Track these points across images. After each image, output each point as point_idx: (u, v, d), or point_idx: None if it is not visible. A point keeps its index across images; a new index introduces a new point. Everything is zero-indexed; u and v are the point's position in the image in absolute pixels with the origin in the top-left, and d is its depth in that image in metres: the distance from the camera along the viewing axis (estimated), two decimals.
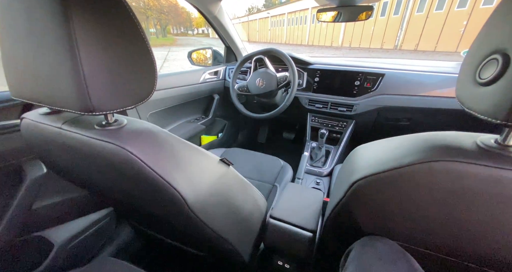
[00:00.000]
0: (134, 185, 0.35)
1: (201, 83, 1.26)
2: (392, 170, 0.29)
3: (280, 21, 27.48)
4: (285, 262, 0.64)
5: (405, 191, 0.29)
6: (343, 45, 17.49)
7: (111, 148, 0.32)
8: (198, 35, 67.97)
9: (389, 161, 0.30)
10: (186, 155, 0.38)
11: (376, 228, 0.36)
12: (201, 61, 1.50)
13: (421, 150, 0.28)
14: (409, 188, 0.28)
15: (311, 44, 20.93)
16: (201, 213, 0.37)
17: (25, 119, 0.41)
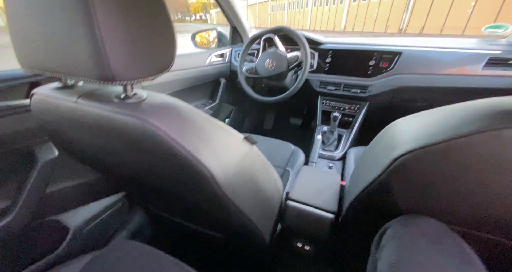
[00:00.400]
0: (159, 163, 0.32)
1: (207, 66, 1.22)
2: (447, 141, 0.26)
3: (280, 5, 26.51)
4: (305, 243, 0.64)
5: (462, 163, 0.26)
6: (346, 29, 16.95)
7: (133, 122, 0.29)
8: (196, 21, 65.93)
9: (442, 132, 0.27)
10: (212, 131, 0.35)
11: (417, 206, 0.34)
12: (205, 44, 1.44)
13: (487, 117, 0.25)
14: (468, 160, 0.26)
15: (313, 29, 20.31)
16: (229, 191, 0.35)
17: (36, 95, 0.38)
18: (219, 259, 0.76)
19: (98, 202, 0.78)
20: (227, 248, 0.66)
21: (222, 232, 0.57)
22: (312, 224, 0.57)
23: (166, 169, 0.33)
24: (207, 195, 0.35)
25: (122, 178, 0.51)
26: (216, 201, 0.36)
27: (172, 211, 0.60)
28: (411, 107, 1.06)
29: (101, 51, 0.25)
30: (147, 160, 0.33)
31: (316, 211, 0.57)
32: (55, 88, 0.37)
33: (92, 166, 0.52)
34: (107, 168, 0.46)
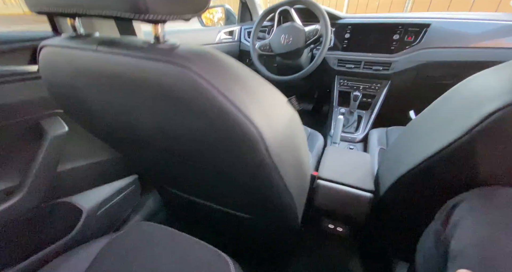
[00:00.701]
0: (199, 121, 0.27)
1: (217, 43, 1.14)
2: None
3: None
4: (338, 225, 0.60)
5: None
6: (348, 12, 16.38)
7: (170, 69, 0.24)
8: None
9: None
10: (258, 85, 0.30)
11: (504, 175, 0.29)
12: (212, 21, 1.36)
13: None
14: None
15: None
16: (276, 158, 0.30)
17: (45, 47, 0.32)
18: (240, 242, 0.73)
19: (110, 184, 0.74)
20: (253, 230, 0.62)
21: (250, 212, 0.53)
22: (348, 204, 0.53)
23: (207, 129, 0.27)
24: (252, 163, 0.30)
25: (139, 149, 0.46)
26: (260, 171, 0.31)
27: (194, 189, 0.56)
28: (436, 86, 1.00)
29: None
30: (183, 118, 0.27)
31: (352, 190, 0.53)
32: (68, 38, 0.31)
33: (108, 139, 0.47)
34: (124, 135, 0.40)
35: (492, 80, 0.30)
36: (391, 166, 0.49)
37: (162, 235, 0.48)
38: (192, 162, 0.36)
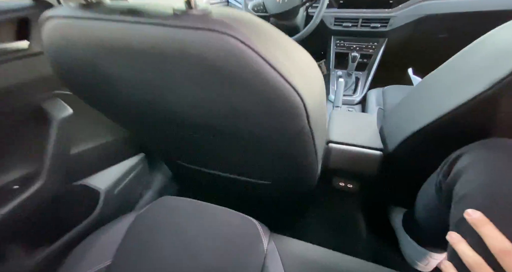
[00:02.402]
0: (241, 90, 0.26)
1: None
2: None
3: None
4: (347, 182, 0.65)
5: None
6: None
7: (209, 36, 0.22)
8: None
9: None
10: (295, 49, 0.28)
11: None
12: None
13: None
14: None
15: None
16: (314, 125, 0.30)
17: (52, 18, 0.27)
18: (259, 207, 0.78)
19: (120, 164, 0.73)
20: (270, 194, 0.66)
21: (270, 179, 0.55)
22: (360, 163, 0.56)
23: (251, 100, 0.26)
24: (292, 130, 0.30)
25: (159, 128, 0.45)
26: (299, 136, 0.31)
27: (213, 162, 0.57)
28: (432, 40, 1.00)
29: None
30: (226, 90, 0.26)
31: (362, 150, 0.56)
32: (79, 7, 0.27)
33: (122, 119, 0.45)
34: (145, 115, 0.39)
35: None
36: (401, 124, 0.52)
37: (186, 207, 0.50)
38: (224, 133, 0.36)
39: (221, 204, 0.49)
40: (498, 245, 0.21)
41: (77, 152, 0.58)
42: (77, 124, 0.55)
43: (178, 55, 0.24)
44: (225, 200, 0.77)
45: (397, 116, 0.57)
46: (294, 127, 0.29)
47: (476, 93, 0.30)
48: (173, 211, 0.49)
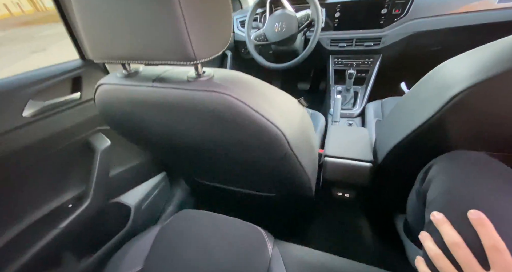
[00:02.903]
0: (235, 130, 0.36)
1: None
2: (506, 71, 0.28)
3: None
4: (345, 192, 0.71)
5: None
6: None
7: (213, 96, 0.32)
8: None
9: (498, 64, 0.29)
10: (275, 96, 0.38)
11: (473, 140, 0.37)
12: None
13: None
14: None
15: None
16: (296, 150, 0.39)
17: (103, 85, 0.40)
18: (266, 217, 0.85)
19: (146, 183, 0.85)
20: (275, 205, 0.74)
21: (274, 191, 0.63)
22: (352, 174, 0.63)
23: (242, 135, 0.37)
24: (278, 155, 0.39)
25: (178, 154, 0.55)
26: (284, 160, 0.40)
27: (224, 179, 0.66)
28: (425, 53, 1.06)
29: (185, 33, 0.27)
30: (224, 129, 0.36)
31: (353, 162, 0.62)
32: (123, 77, 0.39)
33: (149, 146, 0.56)
34: (169, 145, 0.49)
35: (457, 65, 0.36)
36: (387, 136, 0.58)
37: (203, 218, 0.58)
38: (227, 158, 0.46)
39: (233, 214, 0.58)
40: (451, 240, 0.26)
41: (113, 175, 0.70)
42: (113, 152, 0.68)
43: (191, 109, 0.35)
44: (236, 211, 0.86)
45: (383, 129, 0.63)
46: (279, 152, 0.38)
47: (429, 116, 0.37)
48: (192, 222, 0.58)
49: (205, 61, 0.32)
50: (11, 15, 22.91)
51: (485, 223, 0.25)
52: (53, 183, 0.58)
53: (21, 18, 19.04)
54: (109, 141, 0.63)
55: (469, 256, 0.25)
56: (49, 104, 0.52)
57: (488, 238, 0.24)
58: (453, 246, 0.26)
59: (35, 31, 10.93)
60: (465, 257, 0.25)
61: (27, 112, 0.48)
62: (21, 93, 0.48)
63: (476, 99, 0.31)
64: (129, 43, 0.31)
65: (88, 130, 0.61)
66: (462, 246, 0.25)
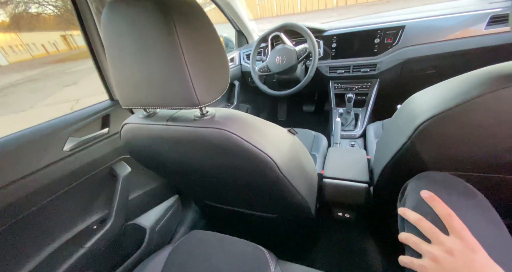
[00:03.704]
0: (233, 158, 0.43)
1: None
2: (460, 104, 0.32)
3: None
4: (345, 212, 0.73)
5: (474, 121, 0.33)
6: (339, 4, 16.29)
7: (214, 132, 0.40)
8: None
9: (454, 98, 0.34)
10: (266, 128, 0.45)
11: (440, 163, 0.41)
12: None
13: (488, 81, 0.31)
14: (478, 118, 0.32)
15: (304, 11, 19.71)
16: (287, 174, 0.45)
17: (128, 124, 0.49)
18: (271, 237, 0.88)
19: (160, 205, 0.92)
20: (278, 226, 0.77)
21: (275, 212, 0.68)
22: (350, 195, 0.66)
23: (239, 163, 0.43)
24: (271, 179, 0.45)
25: (189, 179, 0.62)
26: (277, 183, 0.46)
27: (230, 201, 0.72)
28: (421, 76, 1.11)
29: (190, 85, 0.36)
30: (225, 158, 0.43)
31: (351, 183, 0.66)
32: (143, 117, 0.48)
33: (163, 173, 0.64)
34: (181, 172, 0.57)
35: (423, 98, 0.42)
36: (379, 158, 0.62)
37: (211, 239, 0.63)
38: (230, 182, 0.53)
39: (240, 234, 0.62)
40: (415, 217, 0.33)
41: (132, 198, 0.78)
42: (133, 177, 0.76)
43: (197, 143, 0.42)
44: (243, 231, 0.90)
45: (376, 151, 0.67)
46: (271, 175, 0.44)
47: (403, 143, 0.42)
48: (200, 243, 0.63)
49: (208, 104, 0.40)
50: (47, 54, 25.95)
51: (436, 198, 0.32)
52: (82, 207, 0.67)
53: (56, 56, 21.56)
54: (129, 168, 0.72)
55: (432, 225, 0.31)
56: (85, 139, 0.62)
57: (440, 208, 0.31)
58: (417, 221, 0.32)
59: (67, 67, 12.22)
60: (429, 226, 0.31)
61: (67, 147, 0.59)
62: (63, 132, 0.59)
63: (436, 128, 0.36)
64: (149, 92, 0.40)
65: (113, 159, 0.70)
66: (424, 219, 0.32)
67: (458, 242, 0.28)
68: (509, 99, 0.30)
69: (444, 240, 0.29)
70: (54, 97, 6.36)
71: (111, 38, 0.39)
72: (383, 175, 0.57)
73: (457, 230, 0.29)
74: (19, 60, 26.96)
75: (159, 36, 0.34)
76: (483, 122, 0.33)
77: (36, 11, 24.77)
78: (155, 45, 0.35)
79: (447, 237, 0.29)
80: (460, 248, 0.28)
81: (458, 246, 0.28)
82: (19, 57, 32.93)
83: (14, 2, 18.44)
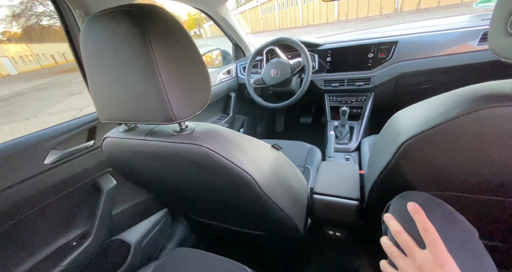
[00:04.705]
0: (212, 176, 0.41)
1: (218, 84, 1.32)
2: (439, 125, 0.32)
3: (270, 7, 26.79)
4: (335, 230, 0.70)
5: (453, 142, 0.32)
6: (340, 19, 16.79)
7: (191, 147, 0.39)
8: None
9: (435, 118, 0.33)
10: (247, 144, 0.44)
11: (425, 181, 0.40)
12: (210, 63, 1.56)
13: (467, 102, 0.30)
14: (457, 139, 0.31)
15: (306, 25, 20.28)
16: (268, 191, 0.43)
17: (108, 138, 0.48)
18: (260, 255, 0.84)
19: (147, 220, 0.89)
20: (267, 244, 0.74)
21: (262, 230, 0.65)
22: (339, 212, 0.63)
23: (218, 179, 0.42)
24: (251, 197, 0.43)
25: (173, 194, 0.61)
26: (259, 201, 0.44)
27: (216, 217, 0.69)
28: (416, 90, 1.10)
29: (166, 100, 0.35)
30: (202, 175, 0.42)
31: (341, 200, 0.63)
32: (123, 131, 0.47)
33: (148, 188, 0.62)
34: (163, 187, 0.55)
35: (406, 116, 0.41)
36: (369, 175, 0.60)
37: (195, 257, 0.60)
38: (212, 199, 0.51)
39: (229, 251, 0.59)
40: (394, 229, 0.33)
41: (117, 212, 0.76)
42: (118, 190, 0.74)
43: (175, 158, 0.41)
44: (231, 248, 0.86)
45: (368, 167, 0.65)
46: (251, 193, 0.42)
47: (387, 161, 0.41)
48: (184, 261, 0.60)
49: (187, 119, 0.39)
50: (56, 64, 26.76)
51: (419, 211, 0.32)
52: (62, 222, 0.65)
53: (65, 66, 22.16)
54: (114, 181, 0.71)
55: (408, 239, 0.31)
56: (68, 152, 0.61)
57: (419, 221, 0.31)
58: (396, 234, 0.33)
59: (74, 77, 12.55)
60: (405, 240, 0.31)
61: (48, 160, 0.58)
62: (44, 144, 0.58)
63: (417, 147, 0.36)
64: (126, 107, 0.39)
65: (97, 172, 0.69)
66: (402, 232, 0.32)
67: (429, 258, 0.28)
68: (489, 121, 0.29)
69: (416, 254, 0.30)
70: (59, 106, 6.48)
71: (89, 53, 0.39)
72: (372, 193, 0.55)
73: (430, 245, 0.29)
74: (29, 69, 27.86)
75: (134, 52, 0.34)
76: (462, 144, 0.32)
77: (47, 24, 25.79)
78: (131, 61, 0.35)
79: (421, 251, 0.30)
80: (429, 264, 0.28)
81: (428, 262, 0.28)
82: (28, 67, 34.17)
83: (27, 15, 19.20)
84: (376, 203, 0.57)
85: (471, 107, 0.30)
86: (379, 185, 0.49)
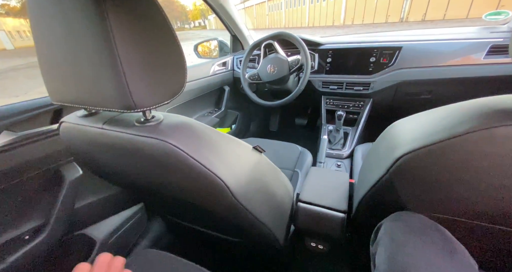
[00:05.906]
0: (177, 177, 0.35)
1: (211, 75, 1.25)
2: (443, 141, 0.27)
3: (277, 4, 26.55)
4: (318, 243, 0.66)
5: (459, 161, 0.28)
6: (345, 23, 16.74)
7: (153, 142, 0.33)
8: (195, 28, 66.85)
9: (438, 132, 0.29)
10: (223, 144, 0.38)
11: (417, 202, 0.36)
12: (207, 53, 1.49)
13: (478, 116, 0.26)
14: (464, 158, 0.27)
15: (312, 26, 20.18)
16: (243, 200, 0.38)
17: (64, 122, 0.42)
18: (237, 263, 0.79)
19: (119, 214, 0.83)
20: (244, 251, 0.69)
21: (239, 237, 0.60)
22: (324, 224, 0.59)
23: (184, 182, 0.36)
24: (223, 204, 0.38)
25: (142, 191, 0.55)
26: (232, 210, 0.39)
27: (190, 219, 0.64)
28: (415, 100, 1.06)
29: (124, 84, 0.29)
30: (167, 175, 0.36)
31: (326, 211, 0.58)
32: (81, 116, 0.41)
33: (114, 182, 0.56)
34: (129, 183, 0.49)
35: (406, 127, 0.36)
36: (359, 187, 0.56)
37: (163, 261, 0.55)
38: (179, 200, 0.45)
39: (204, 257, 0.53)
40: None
41: (82, 205, 0.69)
42: (87, 179, 0.68)
43: (136, 153, 0.35)
44: (207, 253, 0.80)
45: (358, 177, 0.60)
46: (224, 202, 0.37)
47: (380, 176, 0.37)
48: (151, 265, 0.55)
49: (152, 107, 0.33)
50: None
51: None
52: (14, 212, 0.58)
53: None
54: (80, 171, 0.64)
55: None
56: (24, 134, 0.54)
57: None
58: None
59: None
60: None
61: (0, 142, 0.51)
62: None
63: (414, 164, 0.31)
64: (78, 88, 0.33)
65: (62, 160, 0.62)
66: None
67: None
68: (504, 140, 0.24)
69: None
70: None
71: (35, 16, 0.32)
72: (360, 206, 0.50)
73: None
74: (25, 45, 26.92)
75: (85, 17, 0.27)
76: (469, 164, 0.27)
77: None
78: (83, 31, 0.28)
79: None
80: None
81: None
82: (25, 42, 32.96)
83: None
84: (363, 218, 0.53)
85: (484, 123, 0.25)
86: (368, 200, 0.45)
